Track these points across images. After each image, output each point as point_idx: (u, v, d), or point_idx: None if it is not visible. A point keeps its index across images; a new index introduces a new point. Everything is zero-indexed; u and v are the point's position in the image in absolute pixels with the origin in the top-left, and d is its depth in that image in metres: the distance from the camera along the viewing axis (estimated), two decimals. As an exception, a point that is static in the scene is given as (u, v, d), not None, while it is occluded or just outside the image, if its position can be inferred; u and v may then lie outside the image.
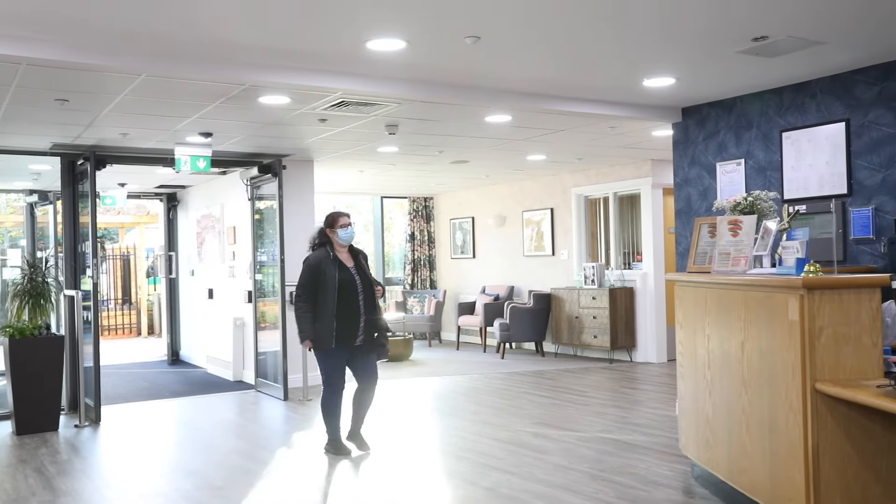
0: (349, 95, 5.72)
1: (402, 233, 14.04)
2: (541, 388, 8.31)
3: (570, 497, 4.48)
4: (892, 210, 5.30)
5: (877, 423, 3.32)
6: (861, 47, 4.99)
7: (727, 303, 4.07)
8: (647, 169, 9.89)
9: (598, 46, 4.86)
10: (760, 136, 6.17)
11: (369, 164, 9.58)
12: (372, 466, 5.37)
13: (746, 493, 3.91)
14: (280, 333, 8.14)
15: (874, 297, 3.42)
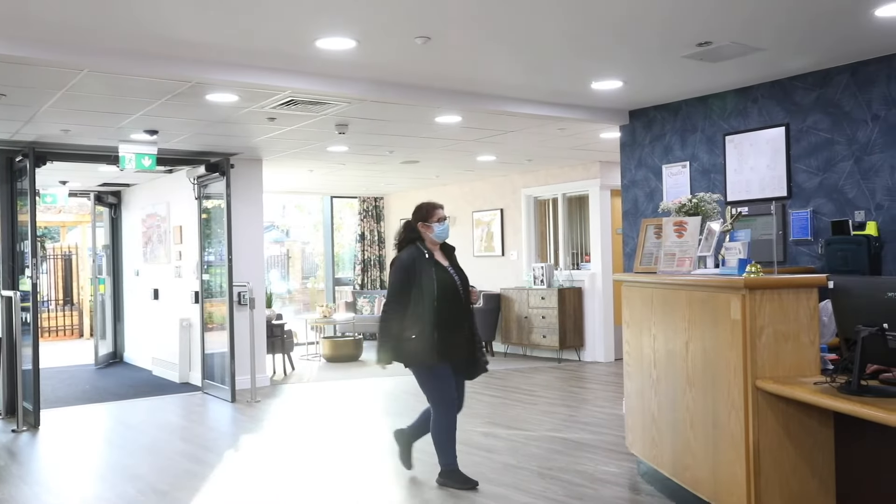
0: (298, 94, 5.67)
1: (352, 233, 13.97)
2: (490, 388, 8.35)
3: (519, 496, 4.51)
4: (828, 212, 5.46)
5: (814, 419, 3.43)
6: (799, 55, 5.14)
7: (672, 303, 4.14)
8: (595, 170, 10.02)
9: (546, 49, 4.91)
10: (705, 139, 6.30)
11: (319, 164, 9.51)
12: (319, 468, 5.33)
13: (690, 489, 3.99)
14: (227, 334, 8.02)
15: (812, 296, 3.52)
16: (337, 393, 8.37)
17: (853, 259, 5.07)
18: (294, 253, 15.30)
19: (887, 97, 5.13)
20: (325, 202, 13.64)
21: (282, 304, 13.79)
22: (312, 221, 14.77)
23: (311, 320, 11.67)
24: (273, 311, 10.28)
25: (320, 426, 6.73)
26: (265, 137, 7.50)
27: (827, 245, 5.25)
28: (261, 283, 8.86)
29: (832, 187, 5.45)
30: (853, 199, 5.33)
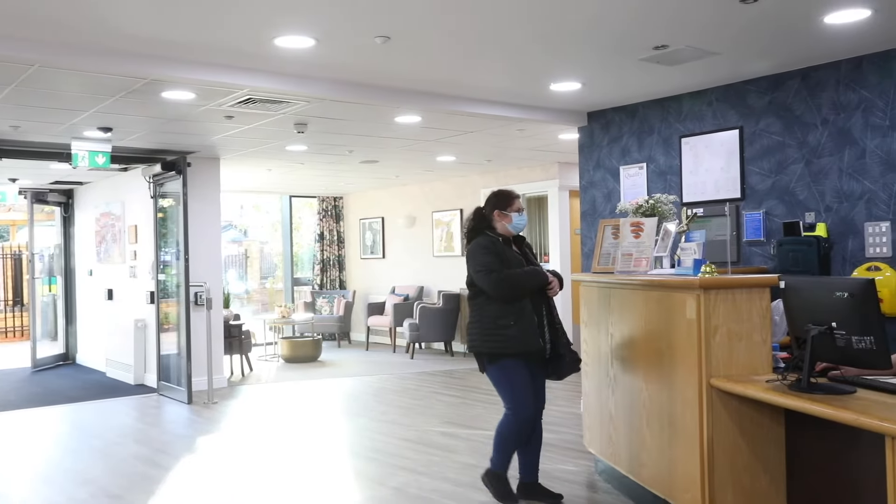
0: (257, 92, 5.61)
1: (311, 232, 13.88)
2: (450, 388, 8.37)
3: (479, 495, 4.53)
4: (780, 214, 5.58)
5: (765, 416, 3.50)
6: (753, 59, 5.24)
7: (629, 302, 4.19)
8: (554, 171, 10.10)
9: (505, 51, 4.94)
10: (661, 141, 6.39)
11: (278, 163, 9.43)
12: (277, 469, 5.29)
13: (647, 486, 4.04)
14: (184, 335, 7.91)
15: (764, 296, 3.60)
16: (295, 394, 8.31)
17: (804, 259, 5.19)
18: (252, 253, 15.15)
19: (836, 102, 5.26)
20: (284, 201, 13.53)
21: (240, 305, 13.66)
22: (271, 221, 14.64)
23: (270, 320, 11.57)
24: (231, 312, 10.17)
25: (278, 427, 6.68)
26: (223, 136, 7.41)
27: (779, 246, 5.37)
28: (218, 283, 8.76)
29: (784, 189, 5.57)
30: (804, 201, 5.45)
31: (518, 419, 4.22)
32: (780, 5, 4.13)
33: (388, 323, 11.67)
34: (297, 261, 14.01)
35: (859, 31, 4.60)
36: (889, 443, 2.47)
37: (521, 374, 4.20)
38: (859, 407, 2.70)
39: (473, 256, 4.25)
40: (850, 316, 2.92)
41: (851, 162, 5.19)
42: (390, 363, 10.48)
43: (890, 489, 2.48)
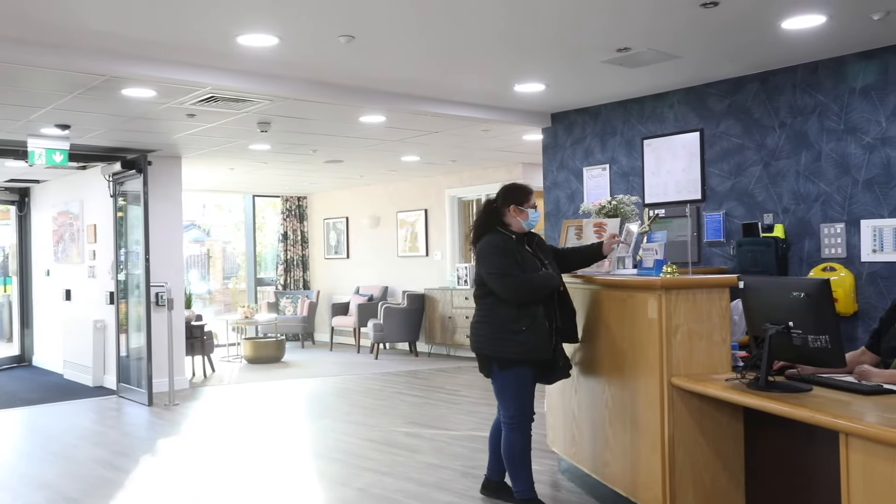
0: (219, 91, 5.55)
1: (275, 232, 13.77)
2: (414, 388, 8.36)
3: (442, 495, 4.53)
4: (740, 215, 5.67)
5: (725, 414, 3.55)
6: (713, 63, 5.32)
7: (593, 302, 4.23)
8: (518, 172, 10.14)
9: (469, 51, 4.95)
10: (624, 142, 6.46)
11: (241, 162, 9.34)
12: (241, 471, 5.24)
13: (609, 484, 4.08)
14: (145, 336, 7.79)
15: (724, 296, 3.65)
16: (258, 395, 8.24)
17: (762, 260, 5.28)
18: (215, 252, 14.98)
19: (793, 105, 5.37)
20: (247, 201, 13.41)
21: (202, 305, 13.48)
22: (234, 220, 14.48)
23: (233, 321, 11.45)
24: (192, 312, 10.04)
25: (240, 429, 6.62)
26: (184, 134, 7.32)
27: (738, 246, 5.46)
28: (180, 284, 8.64)
29: (743, 191, 5.66)
30: (762, 203, 5.55)
31: (522, 431, 4.06)
32: (740, 10, 4.20)
33: (353, 323, 11.63)
34: (261, 261, 13.89)
35: (815, 37, 4.70)
36: (843, 439, 2.53)
37: (530, 384, 4.05)
38: (815, 404, 2.76)
39: (486, 257, 4.00)
40: (807, 315, 2.98)
41: (808, 165, 5.30)
42: (354, 364, 10.44)
43: (844, 484, 2.53)
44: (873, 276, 5.00)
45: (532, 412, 4.10)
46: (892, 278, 4.89)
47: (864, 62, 5.01)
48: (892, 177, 4.91)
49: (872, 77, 4.99)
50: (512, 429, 4.07)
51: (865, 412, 2.65)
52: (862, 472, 2.47)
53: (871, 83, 4.99)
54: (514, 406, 4.05)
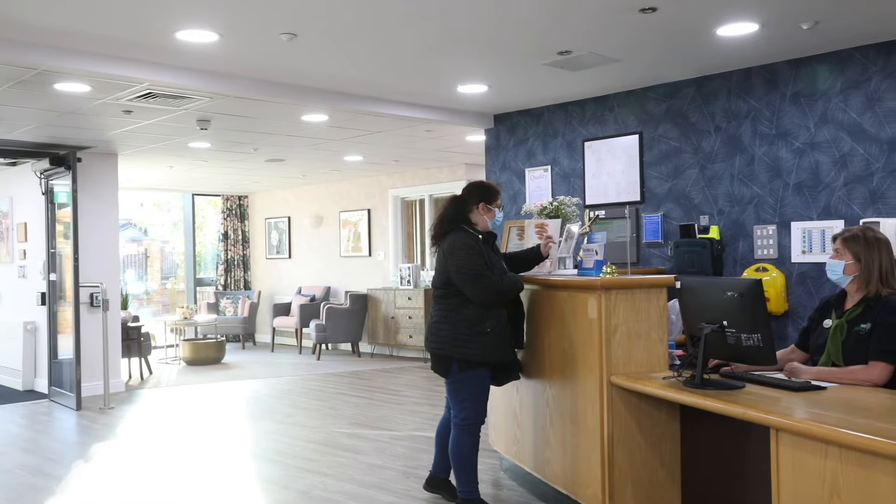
0: (157, 87, 5.43)
1: (215, 232, 13.54)
2: (356, 389, 8.32)
3: (384, 496, 4.52)
4: (677, 216, 5.80)
5: (662, 412, 3.63)
6: (651, 67, 5.43)
7: (535, 302, 4.27)
8: (461, 173, 10.18)
9: (412, 52, 4.95)
10: (565, 144, 6.54)
11: (180, 160, 9.16)
12: (178, 475, 5.13)
13: (550, 482, 4.12)
14: (73, 338, 7.56)
15: (661, 296, 3.73)
16: (197, 397, 8.09)
17: (698, 260, 5.41)
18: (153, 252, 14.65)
19: (728, 110, 5.51)
20: (187, 200, 13.16)
21: (139, 306, 13.18)
22: (172, 219, 14.19)
23: (171, 322, 11.22)
24: (129, 313, 9.81)
25: (178, 432, 6.49)
26: (121, 131, 7.14)
27: (675, 247, 5.58)
28: (116, 284, 8.43)
29: (680, 193, 5.79)
30: (699, 205, 5.69)
31: (472, 432, 4.05)
32: (677, 16, 4.29)
33: (294, 324, 11.51)
34: (200, 261, 13.64)
35: (748, 44, 4.84)
36: (773, 434, 2.60)
37: (486, 386, 4.06)
38: (747, 401, 2.83)
39: (456, 256, 3.92)
40: (740, 315, 3.06)
41: (742, 168, 5.45)
42: (296, 365, 10.34)
43: (774, 477, 2.61)
44: (803, 277, 5.17)
45: (484, 414, 4.11)
46: (819, 278, 5.06)
47: (794, 69, 5.18)
48: (819, 181, 5.08)
49: (802, 84, 5.15)
50: (462, 430, 4.05)
51: (795, 408, 2.73)
52: (791, 465, 2.55)
53: (801, 90, 5.16)
54: (469, 407, 4.03)
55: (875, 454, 2.25)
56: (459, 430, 4.07)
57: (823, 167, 5.07)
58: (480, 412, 4.08)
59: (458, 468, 4.11)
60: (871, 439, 2.26)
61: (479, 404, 4.06)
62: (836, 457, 2.38)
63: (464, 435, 4.06)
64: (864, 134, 4.89)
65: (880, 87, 4.82)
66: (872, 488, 2.27)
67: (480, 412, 4.08)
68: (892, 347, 3.17)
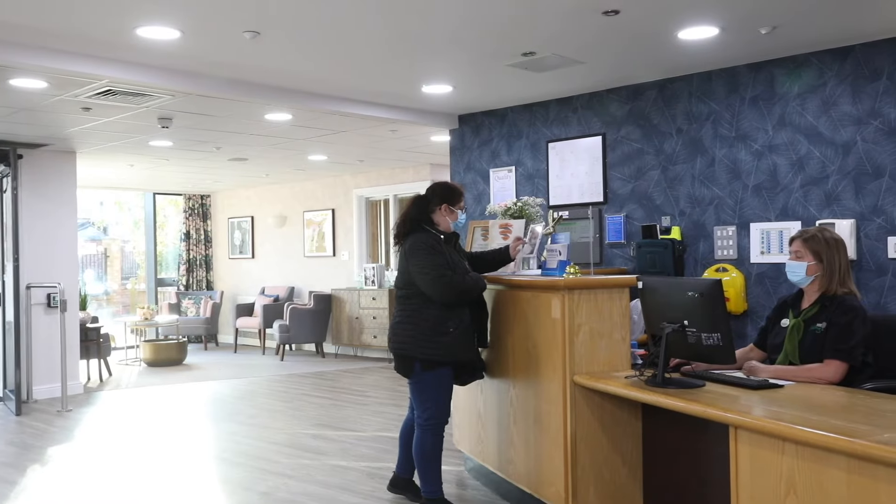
0: (117, 84, 5.35)
1: (177, 231, 13.37)
2: (320, 390, 8.28)
3: (348, 497, 4.51)
4: (639, 217, 5.86)
5: (624, 411, 3.67)
6: (614, 69, 5.49)
7: (499, 302, 4.29)
8: (426, 173, 10.18)
9: (375, 51, 4.94)
10: (529, 145, 6.58)
11: (140, 158, 9.02)
12: (138, 478, 5.06)
13: (514, 481, 4.14)
14: (12, 340, 7.38)
15: (624, 296, 3.77)
16: (158, 399, 7.98)
17: (660, 261, 5.48)
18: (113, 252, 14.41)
19: (689, 113, 5.59)
20: (147, 199, 12.97)
21: (98, 306, 12.95)
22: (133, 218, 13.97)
23: (132, 323, 11.06)
24: (88, 314, 9.64)
25: (138, 434, 6.39)
26: (79, 128, 7.02)
27: (637, 248, 5.65)
28: (74, 284, 8.28)
29: (642, 194, 5.86)
30: (660, 206, 5.75)
31: (436, 432, 4.05)
32: (639, 19, 4.34)
33: (258, 324, 11.42)
34: (162, 260, 13.46)
35: (709, 48, 4.91)
36: (732, 432, 2.65)
37: (449, 385, 4.06)
38: (707, 399, 2.88)
39: (417, 256, 3.92)
40: (701, 314, 3.11)
41: (702, 169, 5.53)
42: (259, 365, 10.25)
43: (733, 474, 2.66)
44: (761, 277, 5.26)
45: (448, 414, 4.12)
46: (777, 278, 5.16)
47: (754, 73, 5.27)
48: (777, 182, 5.18)
49: (761, 87, 5.25)
50: (426, 430, 4.06)
51: (753, 406, 2.78)
52: (749, 462, 2.59)
53: (760, 93, 5.25)
54: (432, 407, 4.04)
55: (829, 450, 2.30)
56: (423, 431, 4.07)
57: (781, 169, 5.16)
58: (444, 412, 4.08)
59: (421, 468, 4.12)
60: (825, 436, 2.31)
61: (442, 404, 4.07)
62: (792, 453, 2.43)
63: (427, 435, 4.06)
64: (820, 137, 4.99)
65: (835, 91, 4.93)
66: (827, 484, 2.32)
67: (444, 412, 4.08)
68: (846, 346, 3.24)
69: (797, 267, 3.45)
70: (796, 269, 3.45)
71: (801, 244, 3.47)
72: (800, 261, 3.45)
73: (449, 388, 4.09)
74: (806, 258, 3.43)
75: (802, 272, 3.43)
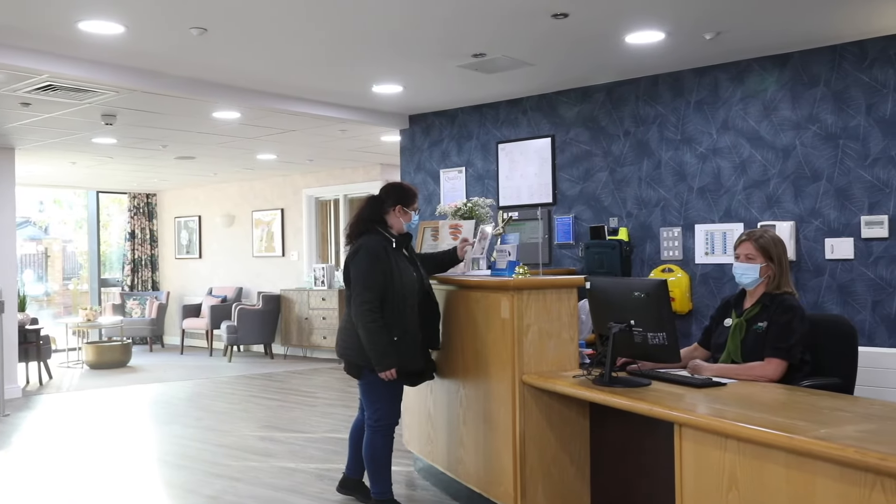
0: (58, 79, 5.21)
1: (121, 230, 13.09)
2: (269, 391, 8.19)
3: (296, 499, 4.47)
4: (587, 218, 5.94)
5: (572, 410, 3.70)
6: (563, 72, 5.55)
7: (449, 303, 4.29)
8: (376, 173, 10.15)
9: (324, 49, 4.90)
10: (479, 146, 6.61)
11: (83, 156, 8.81)
12: (79, 483, 4.93)
13: (464, 481, 4.15)
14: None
15: (572, 296, 3.81)
16: (100, 402, 7.80)
17: (608, 261, 5.55)
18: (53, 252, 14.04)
19: (636, 115, 5.68)
20: (91, 197, 12.66)
21: (38, 308, 12.60)
22: (75, 218, 13.64)
23: (73, 324, 10.78)
24: (27, 315, 9.36)
25: (79, 438, 6.23)
26: (18, 124, 6.82)
27: (586, 248, 5.71)
28: (12, 285, 8.04)
29: (591, 195, 5.93)
30: (608, 207, 5.84)
31: (385, 433, 4.02)
32: (588, 23, 4.40)
33: (205, 325, 11.24)
34: (105, 260, 13.16)
35: (655, 52, 5.00)
36: (677, 430, 2.70)
37: (398, 387, 4.04)
38: (653, 398, 2.93)
39: (360, 260, 3.87)
40: (647, 314, 3.16)
41: (649, 172, 5.62)
42: (206, 367, 10.10)
43: (677, 471, 2.71)
44: (706, 277, 5.37)
45: (398, 415, 4.10)
46: (721, 279, 5.27)
47: (698, 78, 5.38)
48: (721, 185, 5.30)
49: (705, 92, 5.36)
50: (376, 431, 4.03)
51: (697, 404, 2.84)
52: (693, 459, 2.64)
53: (704, 97, 5.36)
54: (381, 409, 4.01)
55: (770, 446, 2.36)
56: (373, 432, 4.05)
57: (725, 172, 5.28)
58: (394, 413, 4.07)
59: (371, 469, 4.09)
60: (766, 432, 2.37)
61: (392, 406, 4.06)
62: (734, 450, 2.49)
63: (377, 436, 4.04)
64: (762, 141, 5.12)
65: (776, 96, 5.06)
66: (766, 478, 2.38)
67: (394, 413, 4.07)
68: (785, 345, 3.33)
69: (749, 269, 3.47)
70: (748, 270, 3.47)
71: (753, 246, 3.48)
72: (751, 262, 3.48)
73: (399, 390, 4.08)
74: (758, 259, 3.47)
75: (755, 273, 3.46)
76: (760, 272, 3.46)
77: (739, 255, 3.53)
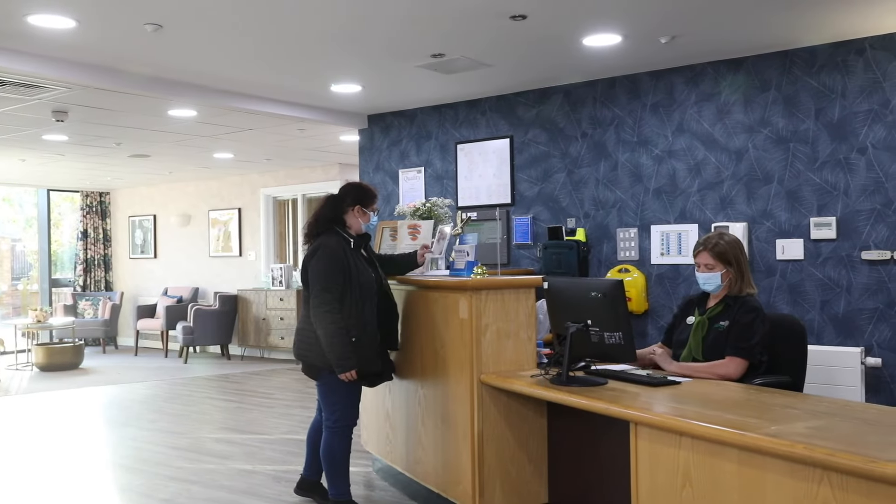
0: (6, 74, 5.08)
1: (73, 230, 12.81)
2: (225, 393, 8.10)
3: (253, 501, 4.42)
4: (546, 219, 5.98)
5: (530, 409, 3.73)
6: (522, 73, 5.58)
7: (408, 303, 4.29)
8: (335, 172, 10.10)
9: (282, 47, 4.87)
10: (438, 146, 6.62)
11: (33, 153, 8.61)
12: (29, 490, 4.82)
13: (422, 481, 4.16)
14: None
15: (530, 296, 3.83)
16: (51, 405, 7.63)
17: (565, 262, 5.60)
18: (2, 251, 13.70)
19: (593, 117, 5.74)
20: (41, 196, 12.37)
21: (-15, 309, 12.29)
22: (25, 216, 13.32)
23: (23, 325, 10.53)
24: (-26, 317, 9.13)
25: (29, 443, 6.09)
26: (-35, 120, 6.65)
27: (544, 249, 5.76)
28: (-42, 285, 7.83)
29: (549, 196, 5.98)
30: (566, 208, 5.89)
31: (343, 435, 4.01)
32: (546, 25, 4.43)
33: (160, 326, 11.07)
34: (57, 260, 12.87)
35: (612, 55, 5.06)
36: (633, 428, 2.74)
37: (357, 388, 4.01)
38: (609, 397, 2.96)
39: (320, 260, 3.85)
40: (603, 314, 3.20)
41: (606, 173, 5.69)
42: (161, 369, 9.94)
43: (633, 469, 2.74)
44: (661, 277, 5.45)
45: (356, 416, 4.09)
46: (676, 279, 5.36)
47: (654, 81, 5.46)
48: (676, 186, 5.38)
49: (661, 95, 5.44)
50: (334, 432, 4.01)
51: (653, 403, 2.88)
52: (648, 457, 2.68)
53: (660, 100, 5.44)
54: (339, 410, 3.99)
55: (722, 443, 2.41)
56: (331, 433, 4.03)
57: (680, 174, 5.36)
58: (352, 414, 4.06)
59: (329, 470, 4.07)
60: (717, 430, 2.42)
61: (350, 407, 4.04)
62: (688, 447, 2.53)
63: (335, 437, 4.02)
64: (716, 144, 5.21)
65: (729, 100, 5.16)
66: (719, 475, 2.43)
67: (352, 414, 4.06)
68: (746, 344, 3.40)
69: (711, 277, 3.54)
70: (710, 279, 3.54)
71: (710, 255, 3.55)
72: (712, 272, 3.54)
73: (357, 391, 4.06)
74: (717, 268, 3.54)
75: (718, 280, 3.53)
76: (722, 278, 3.53)
77: (699, 264, 3.59)
